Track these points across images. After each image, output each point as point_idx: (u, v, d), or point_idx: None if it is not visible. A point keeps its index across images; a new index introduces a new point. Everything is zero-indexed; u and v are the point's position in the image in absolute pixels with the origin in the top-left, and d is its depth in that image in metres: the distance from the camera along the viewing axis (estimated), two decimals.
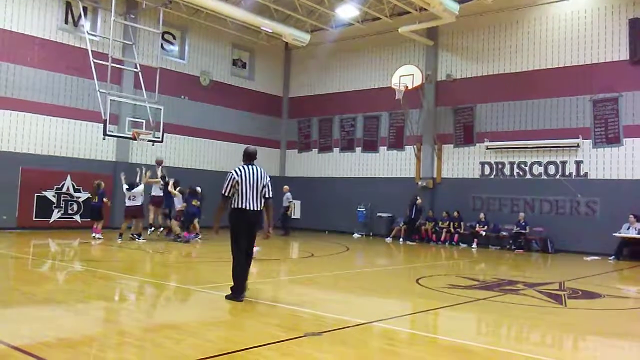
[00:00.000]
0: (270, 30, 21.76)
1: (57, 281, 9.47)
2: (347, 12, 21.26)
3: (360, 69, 23.84)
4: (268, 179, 7.58)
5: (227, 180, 7.43)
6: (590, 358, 5.76)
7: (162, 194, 16.28)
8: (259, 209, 7.48)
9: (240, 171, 7.44)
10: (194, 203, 15.89)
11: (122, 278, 9.65)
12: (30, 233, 16.79)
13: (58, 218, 18.59)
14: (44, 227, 17.94)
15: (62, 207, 18.68)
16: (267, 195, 7.53)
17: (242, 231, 7.46)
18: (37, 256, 12.49)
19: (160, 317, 6.64)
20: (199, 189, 16.33)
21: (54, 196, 18.52)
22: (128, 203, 15.43)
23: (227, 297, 7.45)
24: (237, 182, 7.37)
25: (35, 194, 18.05)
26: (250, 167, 7.51)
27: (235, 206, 7.43)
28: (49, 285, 8.87)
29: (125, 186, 15.59)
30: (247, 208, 7.37)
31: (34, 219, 17.99)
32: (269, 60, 25.72)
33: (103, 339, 5.55)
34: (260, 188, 7.46)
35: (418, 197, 20.33)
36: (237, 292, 7.42)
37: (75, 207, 18.94)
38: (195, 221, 16.08)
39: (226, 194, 7.43)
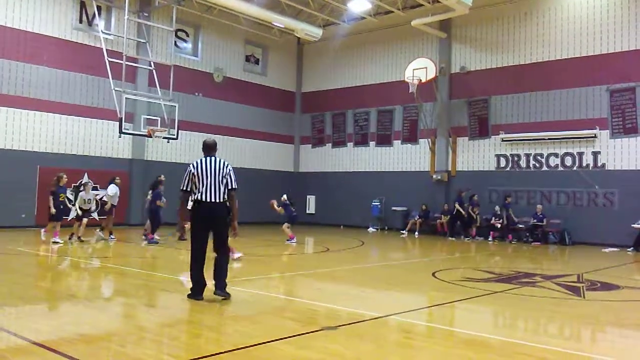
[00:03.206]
0: (282, 26, 21.78)
1: (76, 278, 9.59)
2: (359, 6, 21.17)
3: (373, 62, 23.75)
4: (229, 169, 7.14)
5: (185, 175, 7.13)
6: (609, 350, 5.70)
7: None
8: (220, 201, 7.00)
9: (197, 163, 7.08)
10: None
11: (139, 274, 9.75)
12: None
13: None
14: (62, 225, 18.08)
15: None
16: (230, 187, 7.08)
17: (201, 225, 7.03)
18: (56, 253, 12.64)
19: (177, 312, 6.69)
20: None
21: (71, 194, 18.69)
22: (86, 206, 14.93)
23: (188, 295, 7.16)
24: (194, 174, 7.01)
25: None
26: (209, 158, 7.13)
27: (194, 199, 7.09)
28: (68, 282, 8.99)
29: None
30: (204, 200, 6.94)
31: None
32: (281, 55, 25.74)
33: (122, 334, 5.62)
34: (220, 179, 7.01)
35: (462, 190, 19.67)
36: (195, 293, 7.10)
37: (93, 205, 19.06)
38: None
39: (184, 188, 7.10)
